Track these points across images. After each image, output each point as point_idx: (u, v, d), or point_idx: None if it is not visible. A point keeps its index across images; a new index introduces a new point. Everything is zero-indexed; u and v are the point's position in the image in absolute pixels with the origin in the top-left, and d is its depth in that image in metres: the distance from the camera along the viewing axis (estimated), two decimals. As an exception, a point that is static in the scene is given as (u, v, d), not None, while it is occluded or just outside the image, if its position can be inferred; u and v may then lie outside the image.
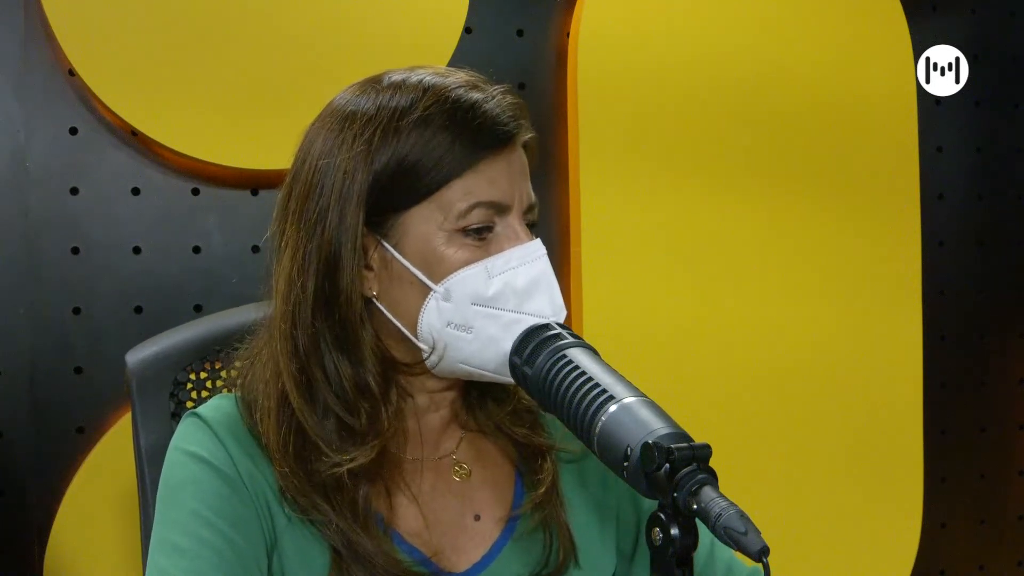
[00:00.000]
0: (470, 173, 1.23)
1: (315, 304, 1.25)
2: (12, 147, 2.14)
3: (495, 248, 1.24)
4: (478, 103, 1.24)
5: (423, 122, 1.23)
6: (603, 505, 1.39)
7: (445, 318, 1.23)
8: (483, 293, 1.23)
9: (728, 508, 1.02)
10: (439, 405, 1.34)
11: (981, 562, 2.88)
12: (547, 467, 1.34)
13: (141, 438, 1.50)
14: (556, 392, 1.17)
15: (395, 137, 1.23)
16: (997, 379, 2.89)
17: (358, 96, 1.28)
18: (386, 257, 1.25)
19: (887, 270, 2.70)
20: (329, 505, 1.23)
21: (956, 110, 2.81)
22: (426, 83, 1.26)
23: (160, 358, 1.53)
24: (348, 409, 1.25)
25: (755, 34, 2.57)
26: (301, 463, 1.24)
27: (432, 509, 1.31)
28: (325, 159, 1.26)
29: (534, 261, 1.25)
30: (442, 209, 1.23)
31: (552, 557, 1.32)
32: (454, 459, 1.34)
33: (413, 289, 1.25)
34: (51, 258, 2.15)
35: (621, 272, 2.47)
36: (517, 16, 2.46)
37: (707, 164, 2.54)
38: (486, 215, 1.24)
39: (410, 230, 1.24)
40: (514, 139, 1.26)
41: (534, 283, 1.24)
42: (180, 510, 1.25)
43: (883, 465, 2.70)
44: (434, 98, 1.24)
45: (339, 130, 1.26)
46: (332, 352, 1.25)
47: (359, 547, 1.23)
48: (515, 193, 1.26)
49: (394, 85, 1.27)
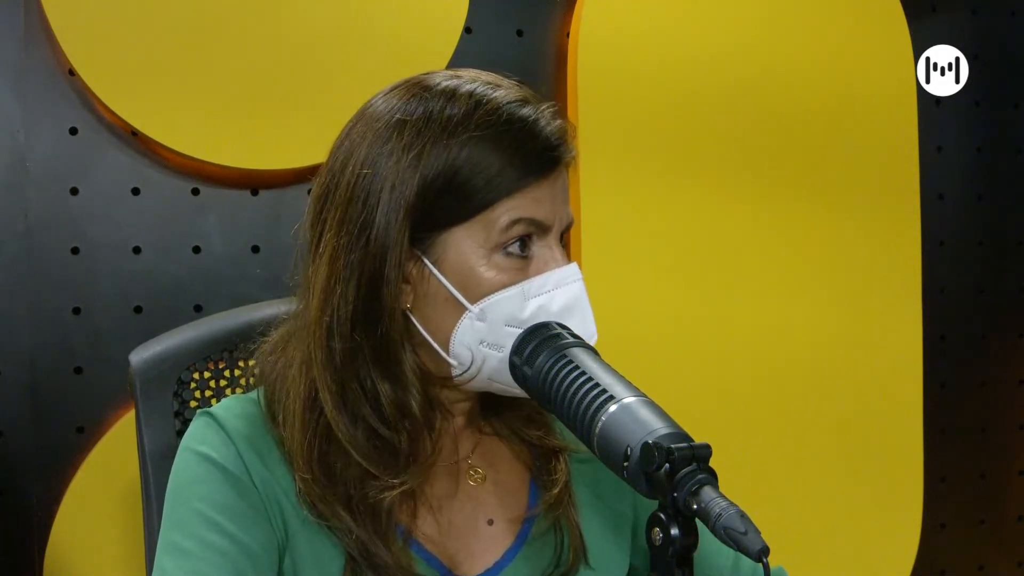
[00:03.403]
0: (518, 195, 1.23)
1: (355, 317, 1.23)
2: (12, 147, 2.14)
3: (533, 270, 1.24)
4: (530, 124, 1.23)
5: (475, 140, 1.22)
6: (617, 510, 1.39)
7: (478, 337, 1.23)
8: (518, 315, 1.23)
9: (728, 508, 1.02)
10: (458, 411, 1.33)
11: (981, 562, 2.88)
12: (560, 468, 1.35)
13: (145, 437, 1.50)
14: (556, 392, 1.17)
15: (446, 152, 1.22)
16: (997, 379, 2.89)
17: (406, 102, 1.26)
18: (424, 273, 1.24)
19: (887, 270, 2.70)
20: (350, 514, 1.23)
21: (956, 110, 2.81)
22: (478, 95, 1.24)
23: (164, 358, 1.53)
24: (386, 424, 1.24)
25: (755, 34, 2.57)
26: (324, 469, 1.24)
27: (446, 514, 1.31)
28: (370, 168, 1.23)
29: (570, 284, 1.25)
30: (485, 228, 1.22)
31: (563, 557, 1.32)
32: (469, 463, 1.34)
33: (448, 306, 1.24)
34: (51, 258, 2.15)
35: (621, 272, 2.47)
36: (517, 16, 2.46)
37: (707, 164, 2.54)
38: (527, 230, 1.24)
39: (451, 248, 1.23)
40: (560, 163, 1.26)
41: (568, 308, 1.24)
42: (186, 511, 1.24)
43: (883, 465, 2.70)
44: (486, 115, 1.23)
45: (386, 139, 1.24)
46: (370, 367, 1.24)
47: (376, 557, 1.23)
48: (556, 215, 1.26)
49: (444, 94, 1.25)
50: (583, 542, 1.34)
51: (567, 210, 1.28)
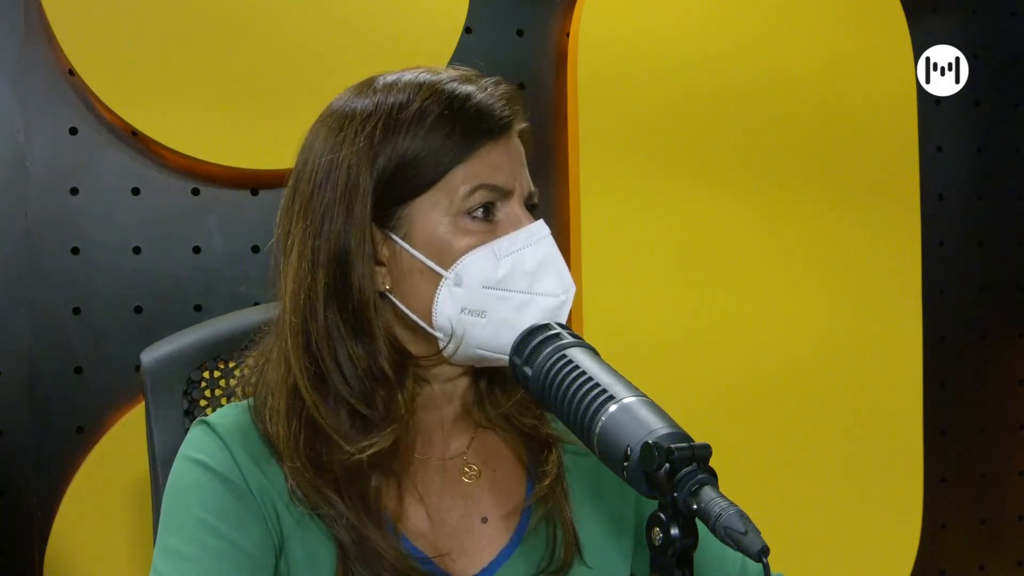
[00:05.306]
0: (471, 159, 1.26)
1: (326, 296, 1.26)
2: (12, 147, 2.14)
3: (500, 232, 1.27)
4: (472, 93, 1.28)
5: (421, 115, 1.26)
6: (619, 511, 1.39)
7: (459, 304, 1.25)
8: (493, 276, 1.25)
9: (728, 508, 1.01)
10: (452, 397, 1.34)
11: (981, 562, 2.88)
12: (553, 459, 1.35)
13: (155, 436, 1.51)
14: (556, 392, 1.17)
15: (395, 132, 1.26)
16: (997, 379, 2.89)
17: (355, 97, 1.31)
18: (395, 250, 1.27)
19: (887, 270, 2.70)
20: (339, 498, 1.24)
21: (956, 110, 2.81)
22: (420, 80, 1.30)
23: (174, 357, 1.54)
24: (364, 399, 1.26)
25: (755, 34, 2.57)
26: (312, 457, 1.25)
27: (439, 510, 1.31)
28: (328, 156, 1.28)
29: (539, 242, 1.28)
30: (447, 195, 1.26)
31: (556, 551, 1.32)
32: (464, 459, 1.34)
33: (424, 278, 1.26)
34: (51, 258, 2.15)
35: (621, 271, 2.47)
36: (517, 16, 2.46)
37: (707, 164, 2.54)
38: (489, 196, 1.27)
39: (417, 220, 1.26)
40: (511, 126, 1.29)
41: (542, 264, 1.27)
42: (183, 516, 1.25)
43: (883, 465, 2.70)
44: (429, 92, 1.28)
45: (339, 128, 1.28)
46: (346, 341, 1.26)
47: (368, 541, 1.23)
48: (516, 179, 1.29)
49: (389, 85, 1.30)
50: (576, 536, 1.33)
51: (526, 176, 1.31)
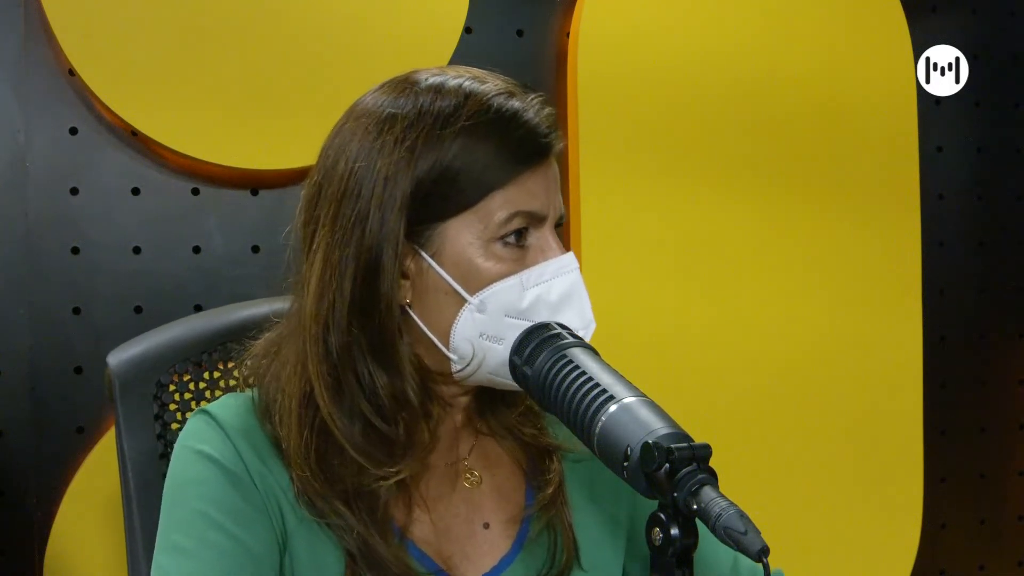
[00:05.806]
0: (511, 184, 1.23)
1: (351, 309, 1.23)
2: (12, 147, 2.14)
3: (530, 260, 1.25)
4: (519, 113, 1.25)
5: (467, 131, 1.22)
6: (612, 513, 1.38)
7: (479, 329, 1.23)
8: (517, 305, 1.23)
9: (728, 508, 1.01)
10: (455, 410, 1.33)
11: (981, 562, 2.87)
12: (554, 467, 1.34)
13: (124, 441, 1.46)
14: (556, 392, 1.17)
15: (438, 144, 1.22)
16: (997, 379, 2.89)
17: (395, 98, 1.26)
18: (422, 267, 1.25)
19: (887, 270, 2.70)
20: (348, 510, 1.23)
21: (956, 110, 2.81)
22: (466, 88, 1.25)
23: (144, 359, 1.48)
24: (383, 417, 1.24)
25: (755, 34, 2.57)
26: (323, 466, 1.23)
27: (442, 516, 1.31)
28: (363, 162, 1.23)
29: (567, 274, 1.26)
30: (482, 220, 1.23)
31: (557, 558, 1.32)
32: (466, 465, 1.34)
33: (448, 299, 1.24)
34: (51, 258, 2.15)
35: (621, 271, 2.47)
36: (517, 16, 2.46)
37: (707, 164, 2.54)
38: (524, 223, 1.24)
39: (448, 240, 1.23)
40: (551, 151, 1.27)
41: (566, 296, 1.25)
42: (185, 510, 1.24)
43: (883, 465, 2.70)
44: (476, 106, 1.24)
45: (377, 133, 1.24)
46: (367, 359, 1.24)
47: (375, 552, 1.22)
48: (550, 205, 1.26)
49: (433, 88, 1.26)
50: (576, 543, 1.33)
51: (559, 199, 1.29)
